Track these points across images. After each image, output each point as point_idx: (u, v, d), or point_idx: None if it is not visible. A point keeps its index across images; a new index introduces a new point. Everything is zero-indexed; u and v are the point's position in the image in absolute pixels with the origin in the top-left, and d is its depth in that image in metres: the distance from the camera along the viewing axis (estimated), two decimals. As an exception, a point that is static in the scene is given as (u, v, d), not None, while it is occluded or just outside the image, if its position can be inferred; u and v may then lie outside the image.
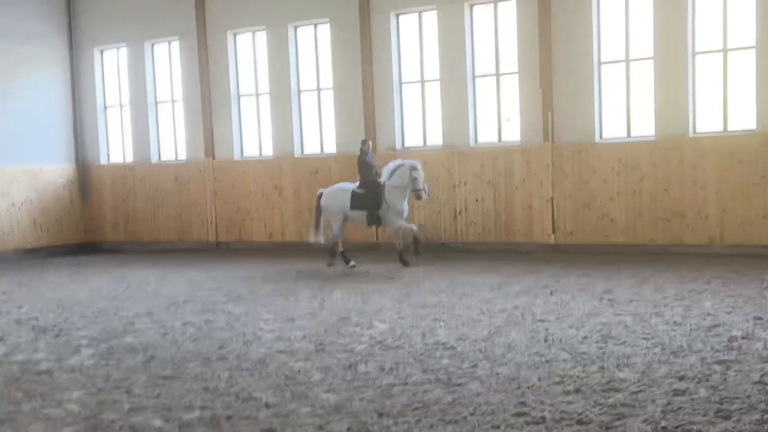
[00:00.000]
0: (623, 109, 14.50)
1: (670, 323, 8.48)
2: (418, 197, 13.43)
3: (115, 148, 19.39)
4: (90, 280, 13.89)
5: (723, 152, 13.45)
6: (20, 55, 17.92)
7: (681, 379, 6.44)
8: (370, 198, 13.58)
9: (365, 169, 13.80)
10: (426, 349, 7.84)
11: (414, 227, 13.64)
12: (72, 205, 18.94)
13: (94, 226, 19.29)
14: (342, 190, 13.98)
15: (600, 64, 14.44)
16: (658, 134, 13.98)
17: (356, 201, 13.70)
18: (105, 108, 19.24)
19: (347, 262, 13.86)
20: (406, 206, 13.62)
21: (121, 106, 19.17)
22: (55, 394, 6.80)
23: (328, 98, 17.01)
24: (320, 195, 14.15)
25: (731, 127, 13.73)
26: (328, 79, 16.99)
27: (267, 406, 6.21)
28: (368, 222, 13.80)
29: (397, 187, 13.41)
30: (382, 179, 13.59)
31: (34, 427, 5.95)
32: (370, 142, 14.62)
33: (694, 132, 13.80)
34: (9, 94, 17.73)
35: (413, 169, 13.28)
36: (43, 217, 18.29)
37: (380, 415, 5.87)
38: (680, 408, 5.71)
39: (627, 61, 14.30)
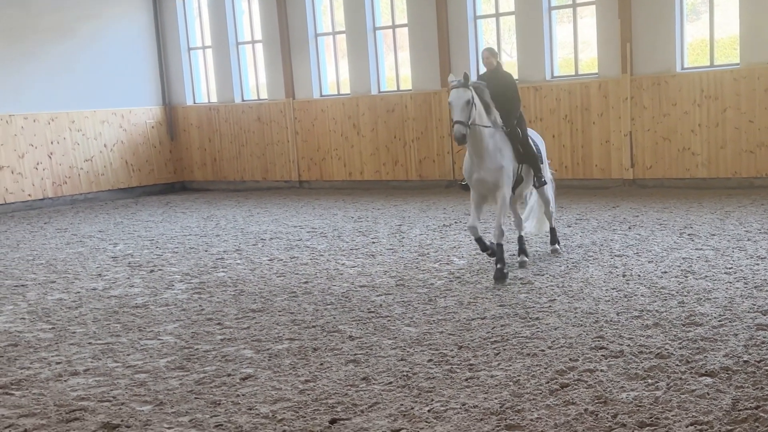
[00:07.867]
0: (706, 37, 14.04)
1: (753, 257, 8.38)
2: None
3: (200, 89, 19.81)
4: (180, 219, 14.38)
5: (813, 81, 12.96)
6: (105, 0, 18.36)
7: (765, 313, 6.39)
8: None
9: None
10: (503, 284, 7.98)
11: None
12: (161, 146, 19.49)
13: (183, 165, 19.86)
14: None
15: (682, -9, 14.00)
16: (743, 62, 13.52)
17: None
18: (189, 50, 19.60)
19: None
20: None
21: (204, 47, 19.50)
22: (151, 326, 7.19)
23: (404, 35, 16.95)
24: None
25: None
26: (403, 16, 16.91)
27: (351, 338, 6.46)
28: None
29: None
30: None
31: (133, 357, 6.31)
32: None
33: (783, 60, 13.32)
34: (96, 38, 18.20)
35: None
36: (134, 158, 18.91)
37: (460, 347, 6.05)
38: (763, 342, 5.68)
39: (712, -13, 13.82)
